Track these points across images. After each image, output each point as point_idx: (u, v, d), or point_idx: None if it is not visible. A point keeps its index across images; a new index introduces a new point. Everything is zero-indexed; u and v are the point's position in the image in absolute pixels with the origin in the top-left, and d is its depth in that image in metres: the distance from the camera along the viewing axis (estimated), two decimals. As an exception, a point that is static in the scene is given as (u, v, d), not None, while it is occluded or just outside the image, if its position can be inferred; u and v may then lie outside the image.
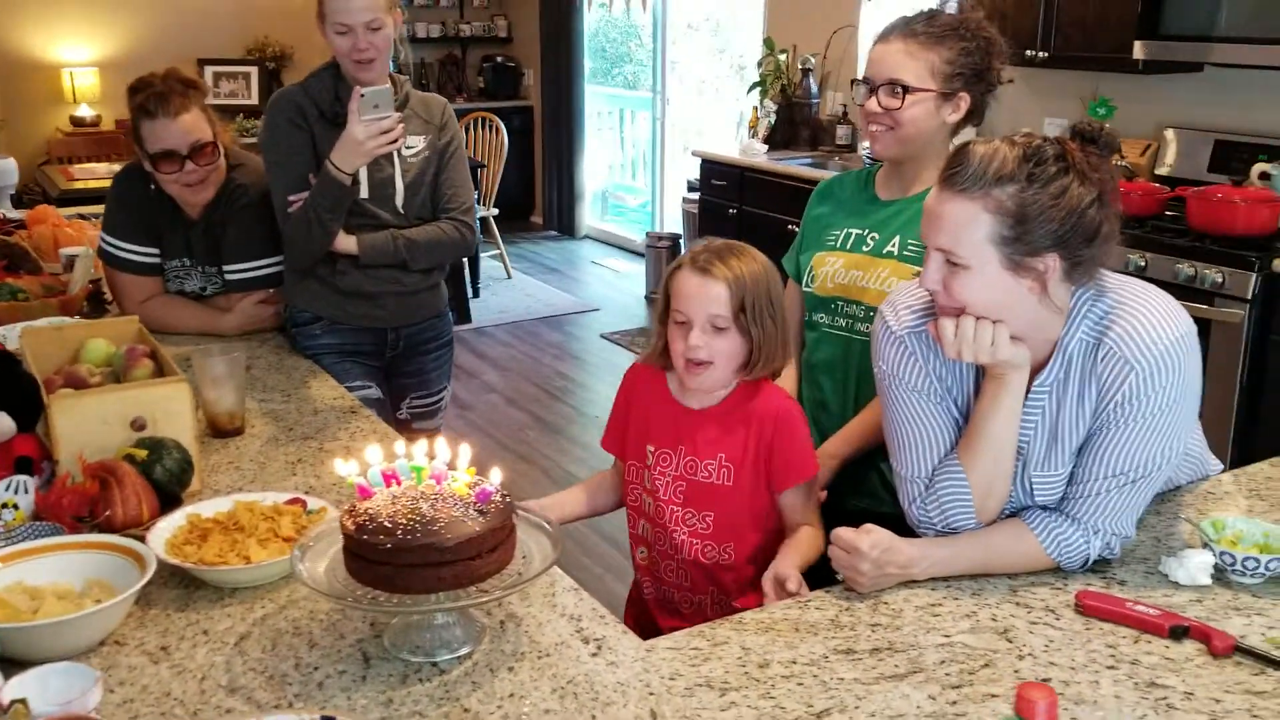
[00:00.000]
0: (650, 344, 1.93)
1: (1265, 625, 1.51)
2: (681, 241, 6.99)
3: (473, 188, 2.80)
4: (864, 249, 2.10)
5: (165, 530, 1.68)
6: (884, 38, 2.02)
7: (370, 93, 2.38)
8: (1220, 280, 3.60)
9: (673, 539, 1.91)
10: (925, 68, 1.97)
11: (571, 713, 1.34)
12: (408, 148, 2.62)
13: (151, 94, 2.62)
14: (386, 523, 1.38)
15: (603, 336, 6.39)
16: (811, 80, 6.02)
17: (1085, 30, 4.35)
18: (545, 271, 7.84)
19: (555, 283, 7.55)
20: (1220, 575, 1.62)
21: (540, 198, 9.10)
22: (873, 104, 2.01)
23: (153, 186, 2.74)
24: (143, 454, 1.80)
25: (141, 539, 1.61)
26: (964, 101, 2.01)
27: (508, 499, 1.46)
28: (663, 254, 7.04)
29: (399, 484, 1.45)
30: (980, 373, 1.66)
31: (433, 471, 1.45)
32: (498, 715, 1.34)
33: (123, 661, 1.45)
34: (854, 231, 2.12)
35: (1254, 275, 3.52)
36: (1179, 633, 1.48)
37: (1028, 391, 1.62)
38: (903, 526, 1.70)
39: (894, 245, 2.07)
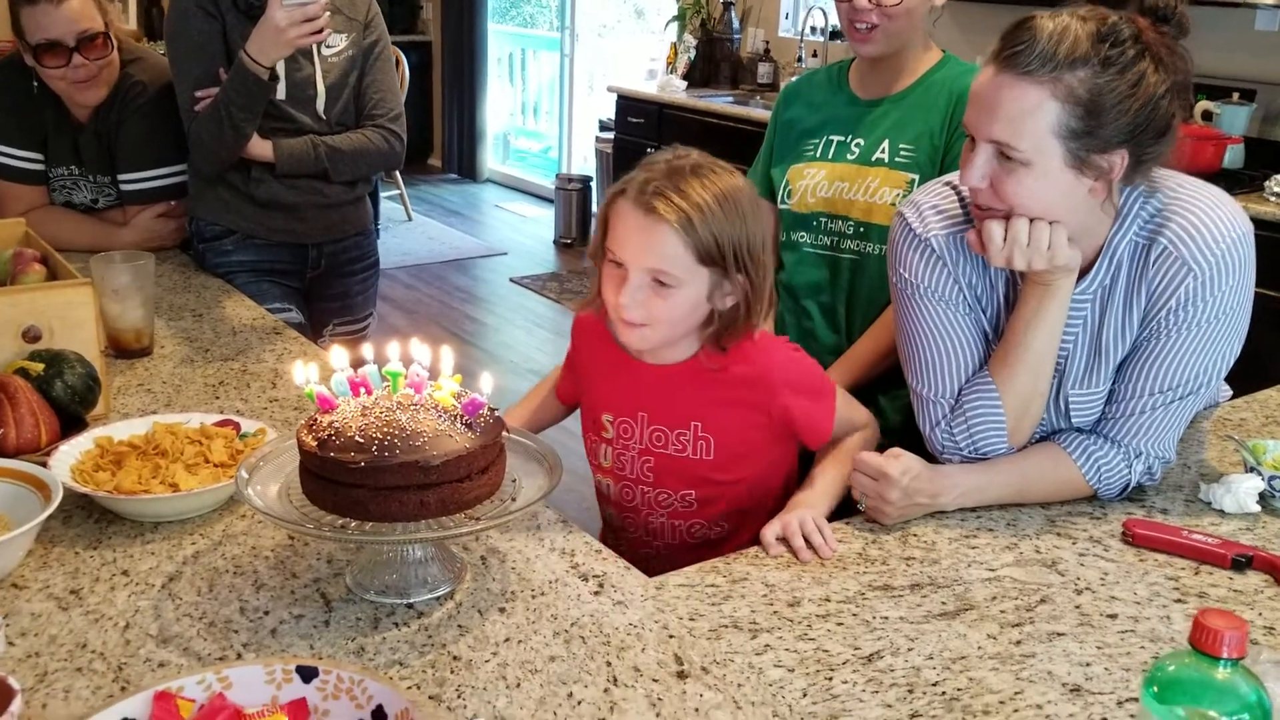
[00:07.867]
0: (589, 287, 1.54)
1: (1327, 554, 1.38)
2: (593, 184, 6.74)
3: (400, 93, 2.53)
4: (848, 157, 1.92)
5: (69, 455, 1.41)
6: None
7: (294, -27, 2.10)
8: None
9: (648, 525, 1.58)
10: None
11: (583, 659, 1.13)
12: (328, 46, 2.34)
13: (32, -25, 2.29)
14: (357, 437, 1.14)
15: (512, 281, 6.11)
16: (733, 15, 5.82)
17: (1023, -36, 4.23)
18: (447, 214, 7.50)
19: (459, 226, 7.22)
20: (1264, 501, 1.49)
21: (440, 139, 8.72)
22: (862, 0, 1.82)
23: (35, 83, 2.40)
24: (38, 368, 1.52)
25: (42, 464, 1.35)
26: None
27: (497, 413, 1.24)
28: (573, 197, 6.78)
29: (369, 393, 1.21)
30: (1012, 281, 1.49)
31: (410, 378, 1.22)
32: (494, 664, 1.12)
33: (24, 608, 1.19)
34: (835, 138, 1.94)
35: (1199, 214, 3.45)
36: (1242, 563, 1.34)
37: (1068, 299, 1.45)
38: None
39: (883, 151, 1.89)
